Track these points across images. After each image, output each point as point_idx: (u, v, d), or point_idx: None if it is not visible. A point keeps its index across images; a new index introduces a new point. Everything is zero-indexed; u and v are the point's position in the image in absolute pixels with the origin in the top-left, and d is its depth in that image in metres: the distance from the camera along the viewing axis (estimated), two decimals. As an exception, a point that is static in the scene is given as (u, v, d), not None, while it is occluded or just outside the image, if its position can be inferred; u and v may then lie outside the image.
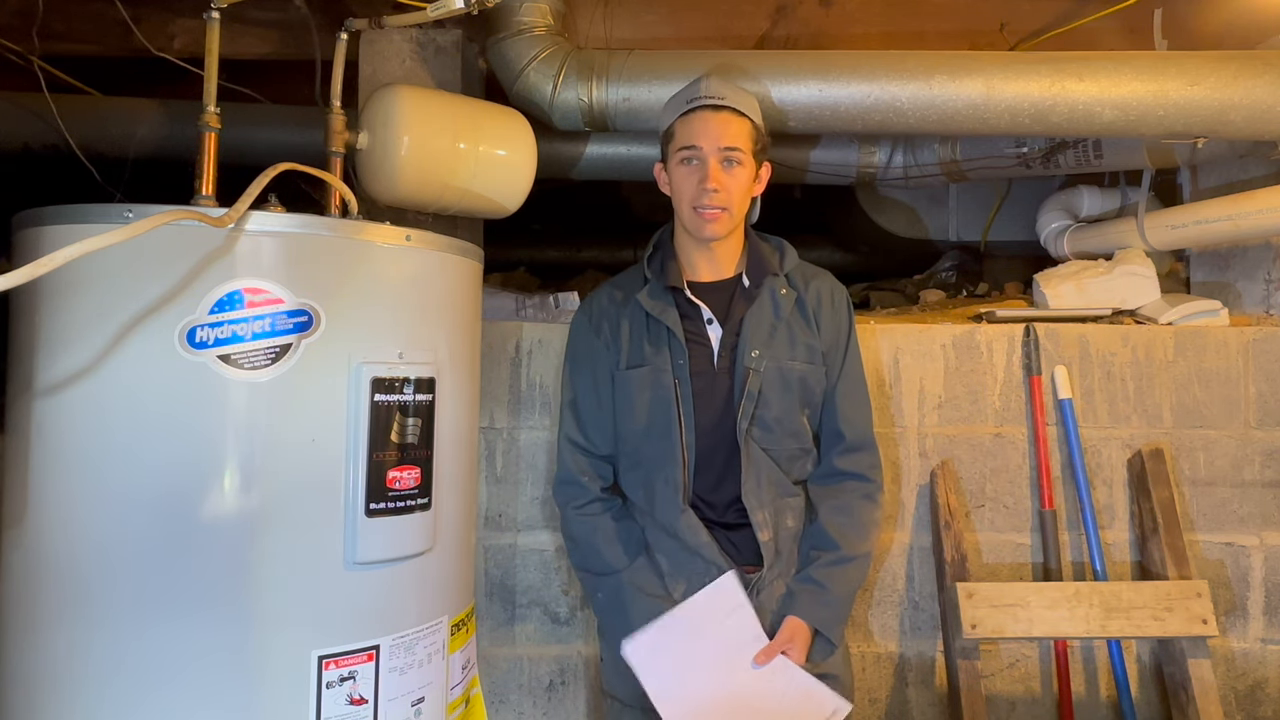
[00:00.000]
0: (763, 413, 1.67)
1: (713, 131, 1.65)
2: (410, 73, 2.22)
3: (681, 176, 1.67)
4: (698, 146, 1.65)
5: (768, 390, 1.67)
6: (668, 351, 1.68)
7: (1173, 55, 2.15)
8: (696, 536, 1.66)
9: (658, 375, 1.68)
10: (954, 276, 3.73)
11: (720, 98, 1.67)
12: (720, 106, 1.66)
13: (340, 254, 1.37)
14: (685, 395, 1.67)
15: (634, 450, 1.73)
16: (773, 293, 1.71)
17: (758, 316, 1.69)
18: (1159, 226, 2.51)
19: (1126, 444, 2.20)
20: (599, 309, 1.79)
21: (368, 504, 1.35)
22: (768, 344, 1.68)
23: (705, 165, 1.64)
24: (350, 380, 1.35)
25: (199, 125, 1.48)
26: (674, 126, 1.69)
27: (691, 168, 1.66)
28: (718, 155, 1.64)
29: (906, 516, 2.17)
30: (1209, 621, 2.02)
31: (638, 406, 1.70)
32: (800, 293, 1.74)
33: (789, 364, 1.69)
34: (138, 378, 1.26)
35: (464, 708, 1.59)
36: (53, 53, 2.40)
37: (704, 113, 1.66)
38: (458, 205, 1.95)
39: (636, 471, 1.73)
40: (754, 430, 1.67)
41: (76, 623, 1.27)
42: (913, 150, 2.96)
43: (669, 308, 1.69)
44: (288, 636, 1.30)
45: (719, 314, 1.71)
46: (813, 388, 1.72)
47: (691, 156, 1.66)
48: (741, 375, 1.67)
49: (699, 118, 1.66)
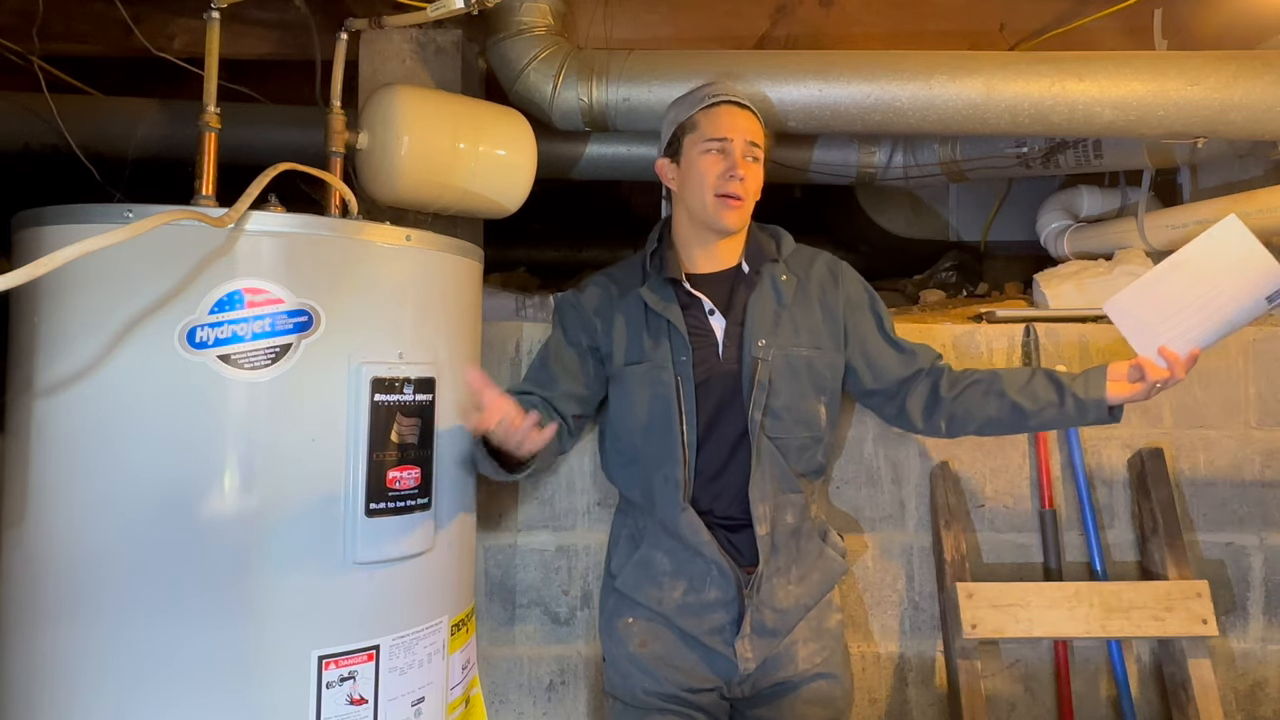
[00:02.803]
0: (773, 402, 1.67)
1: (741, 125, 1.68)
2: (410, 73, 2.22)
3: (707, 164, 1.67)
4: (728, 138, 1.67)
5: (776, 379, 1.67)
6: (668, 347, 1.68)
7: (1173, 55, 2.15)
8: (697, 535, 1.65)
9: (657, 372, 1.67)
10: (954, 276, 3.73)
11: (740, 98, 1.72)
12: (744, 105, 1.71)
13: (340, 254, 1.37)
14: (688, 392, 1.66)
15: (629, 447, 1.72)
16: (773, 279, 1.72)
17: (760, 304, 1.69)
18: (1159, 226, 2.51)
19: (1126, 444, 2.20)
20: (591, 299, 1.77)
21: (368, 504, 1.35)
22: (773, 332, 1.68)
23: (732, 155, 1.66)
24: (350, 380, 1.35)
25: (199, 125, 1.48)
26: (695, 118, 1.71)
27: (716, 156, 1.67)
28: (743, 147, 1.67)
29: (906, 516, 2.17)
30: (1209, 621, 2.01)
31: (636, 404, 1.69)
32: (801, 277, 1.75)
33: (795, 350, 1.69)
34: (138, 378, 1.26)
35: (464, 708, 1.59)
36: (53, 53, 2.40)
37: (731, 108, 1.70)
38: (458, 205, 1.95)
39: (633, 469, 1.72)
40: (766, 421, 1.66)
41: (76, 622, 1.27)
42: (913, 150, 2.96)
43: (671, 303, 1.69)
44: (288, 636, 1.31)
45: (720, 304, 1.71)
46: (822, 372, 1.72)
47: (719, 147, 1.67)
48: (750, 366, 1.66)
49: (725, 112, 1.70)
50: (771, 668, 1.67)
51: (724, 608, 1.67)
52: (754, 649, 1.65)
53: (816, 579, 1.73)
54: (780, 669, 1.68)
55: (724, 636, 1.66)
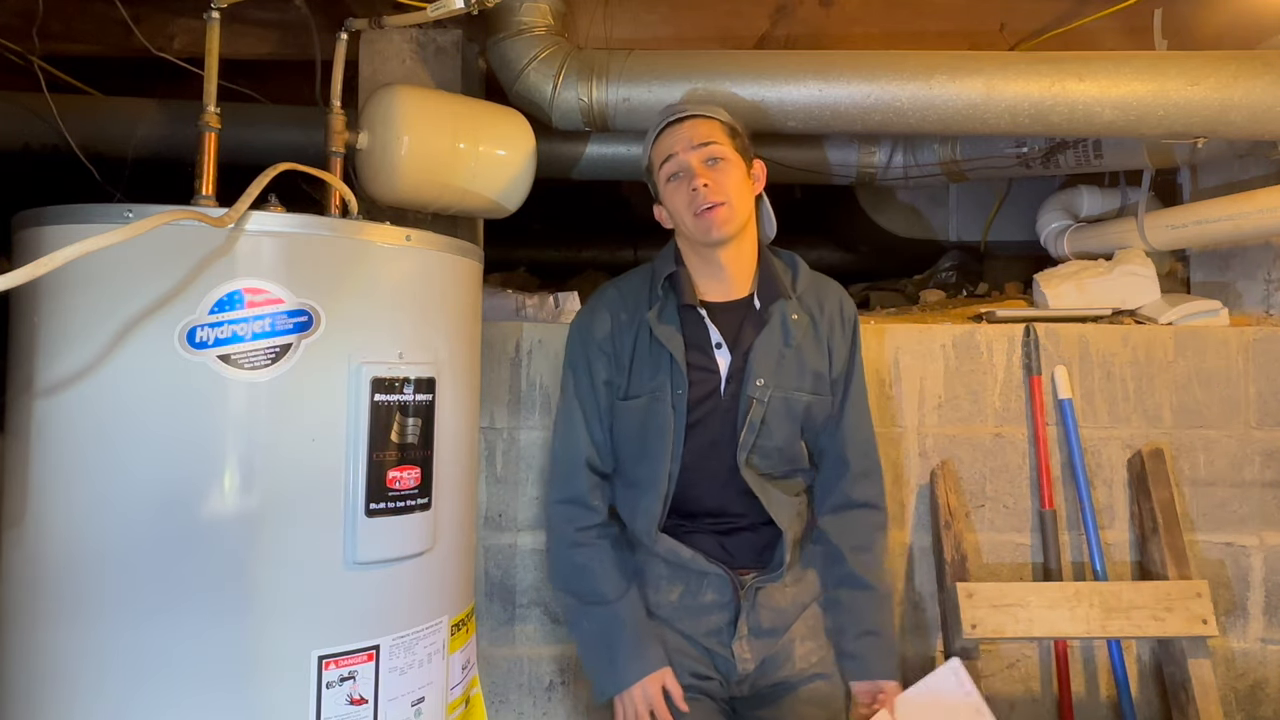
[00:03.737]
0: (764, 442, 1.66)
1: (684, 136, 1.65)
2: (410, 73, 2.22)
3: (672, 192, 1.66)
4: (675, 153, 1.65)
5: (771, 419, 1.65)
6: (667, 379, 1.66)
7: (1173, 55, 2.15)
8: (679, 555, 1.67)
9: (654, 404, 1.66)
10: (954, 276, 3.73)
11: (682, 110, 1.70)
12: (684, 116, 1.68)
13: (340, 254, 1.37)
14: (679, 426, 1.65)
15: (626, 471, 1.73)
16: (784, 317, 1.68)
17: (767, 343, 1.66)
18: (1159, 226, 2.51)
19: (1126, 444, 2.20)
20: (603, 326, 1.72)
21: (368, 504, 1.35)
22: (775, 372, 1.66)
23: (689, 169, 1.63)
24: (350, 380, 1.35)
25: (199, 125, 1.48)
26: (651, 157, 1.71)
27: (680, 181, 1.65)
28: (697, 155, 1.63)
29: (906, 516, 2.17)
30: (1209, 621, 2.02)
31: (634, 433, 1.69)
32: (814, 315, 1.71)
33: (795, 394, 1.67)
34: (138, 378, 1.26)
35: (464, 708, 1.59)
36: (53, 53, 2.40)
37: (671, 126, 1.68)
38: (458, 205, 1.95)
39: (630, 491, 1.73)
40: (753, 458, 1.66)
41: (76, 622, 1.27)
42: (913, 150, 2.96)
43: (676, 334, 1.66)
44: (288, 636, 1.30)
45: (728, 338, 1.68)
46: (816, 415, 1.71)
47: (675, 170, 1.65)
48: (745, 405, 1.65)
49: (667, 134, 1.68)
50: (770, 667, 1.68)
51: (720, 609, 1.67)
52: (752, 650, 1.66)
53: (812, 579, 1.74)
54: (779, 668, 1.68)
55: (721, 638, 1.67)
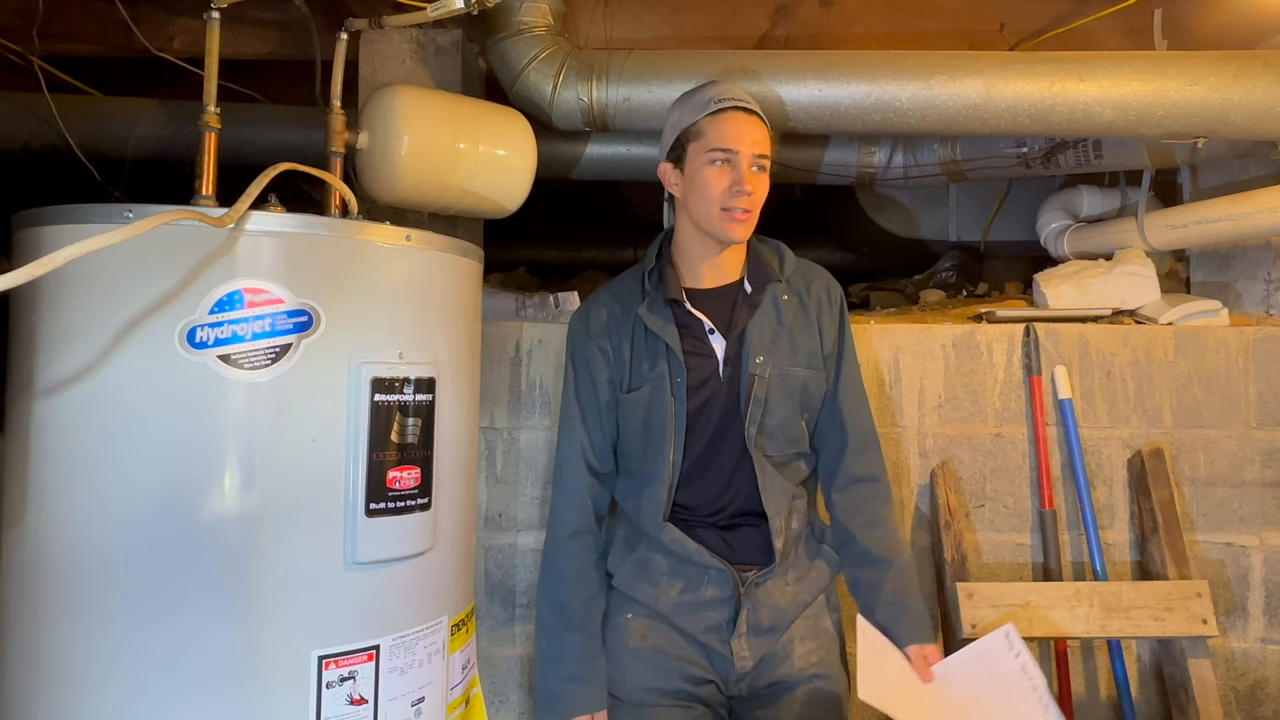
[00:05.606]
0: (768, 420, 1.67)
1: (748, 136, 1.62)
2: (410, 73, 2.22)
3: (711, 176, 1.63)
4: (734, 150, 1.61)
5: (772, 397, 1.67)
6: (665, 369, 1.67)
7: (1173, 55, 2.15)
8: (683, 546, 1.67)
9: (656, 395, 1.67)
10: (954, 276, 3.73)
11: (747, 103, 1.66)
12: (751, 111, 1.65)
13: (340, 254, 1.37)
14: (680, 414, 1.66)
15: (632, 464, 1.73)
16: (775, 299, 1.70)
17: (761, 324, 1.68)
18: (1159, 226, 2.51)
19: (1126, 444, 2.20)
20: (598, 321, 1.74)
21: (368, 504, 1.35)
22: (771, 350, 1.67)
23: (739, 168, 1.61)
24: (350, 380, 1.35)
25: (199, 125, 1.48)
26: (700, 125, 1.64)
27: (722, 168, 1.62)
28: (750, 160, 1.62)
29: (906, 516, 2.17)
30: (1209, 621, 2.01)
31: (637, 424, 1.70)
32: (802, 296, 1.74)
33: (791, 370, 1.69)
34: (138, 378, 1.26)
35: (464, 708, 1.59)
36: (53, 53, 2.40)
37: (737, 115, 1.63)
38: (458, 205, 1.95)
39: (636, 482, 1.73)
40: (761, 438, 1.67)
41: (77, 622, 1.27)
42: (913, 150, 2.96)
43: (668, 324, 1.67)
44: (288, 636, 1.31)
45: (721, 323, 1.69)
46: (813, 393, 1.72)
47: (725, 158, 1.62)
48: (747, 383, 1.66)
49: (732, 120, 1.63)
50: (768, 666, 1.68)
51: (721, 606, 1.67)
52: (750, 647, 1.66)
53: (814, 578, 1.74)
54: (777, 668, 1.68)
55: (720, 635, 1.67)
